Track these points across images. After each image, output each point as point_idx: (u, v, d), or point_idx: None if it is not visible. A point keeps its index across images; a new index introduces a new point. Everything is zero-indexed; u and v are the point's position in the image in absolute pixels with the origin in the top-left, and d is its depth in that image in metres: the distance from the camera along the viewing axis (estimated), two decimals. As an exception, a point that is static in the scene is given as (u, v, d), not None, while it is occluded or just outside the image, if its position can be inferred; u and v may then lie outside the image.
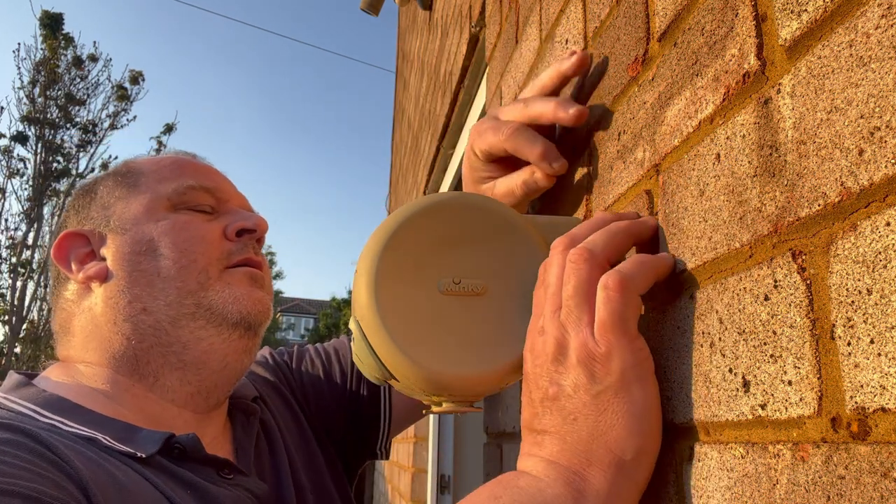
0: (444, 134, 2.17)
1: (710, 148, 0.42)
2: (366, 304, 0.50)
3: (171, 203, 0.74)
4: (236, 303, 0.71)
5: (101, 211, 0.74)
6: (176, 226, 0.72)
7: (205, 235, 0.73)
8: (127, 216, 0.73)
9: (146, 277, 0.70)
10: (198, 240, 0.72)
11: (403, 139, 4.16)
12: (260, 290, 0.74)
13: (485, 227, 0.53)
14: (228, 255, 0.73)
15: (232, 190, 0.80)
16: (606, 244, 0.46)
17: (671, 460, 0.44)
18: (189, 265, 0.70)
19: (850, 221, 0.30)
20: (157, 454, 0.61)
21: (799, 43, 0.34)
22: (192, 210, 0.74)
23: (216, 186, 0.77)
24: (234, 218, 0.76)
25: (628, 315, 0.42)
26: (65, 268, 0.72)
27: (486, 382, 0.51)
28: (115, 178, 0.77)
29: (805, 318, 0.32)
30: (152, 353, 0.69)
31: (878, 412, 0.28)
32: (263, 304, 0.74)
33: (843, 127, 0.31)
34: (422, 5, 2.82)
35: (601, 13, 0.61)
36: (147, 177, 0.76)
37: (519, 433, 0.79)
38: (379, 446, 0.93)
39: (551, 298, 0.45)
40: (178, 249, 0.70)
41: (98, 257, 0.72)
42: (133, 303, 0.69)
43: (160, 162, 0.79)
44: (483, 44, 1.55)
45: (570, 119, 0.59)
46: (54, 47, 12.73)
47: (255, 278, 0.75)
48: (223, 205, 0.77)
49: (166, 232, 0.71)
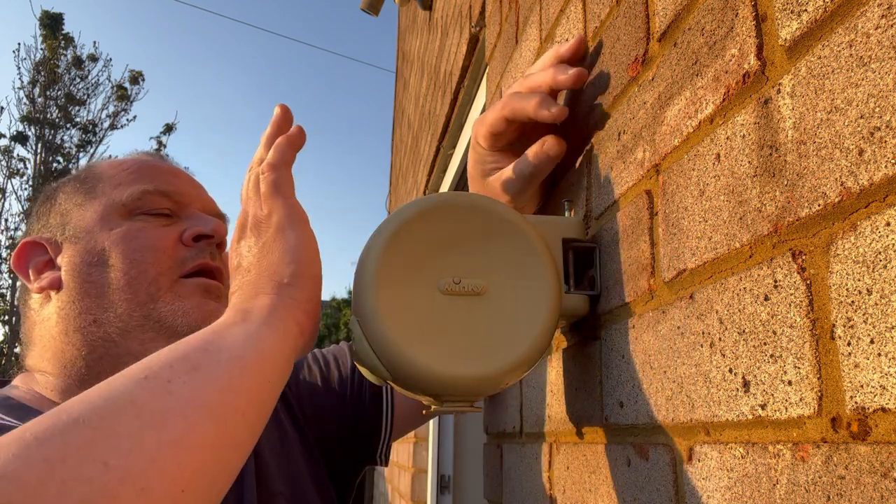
0: (444, 134, 2.17)
1: (710, 148, 0.42)
2: (366, 304, 0.50)
3: (127, 210, 0.72)
4: (186, 316, 0.69)
5: (59, 218, 0.74)
6: (128, 234, 0.71)
7: (156, 243, 0.71)
8: (81, 225, 0.72)
9: (96, 289, 0.69)
10: (149, 248, 0.70)
11: (403, 139, 4.16)
12: (213, 302, 0.72)
13: (485, 227, 0.53)
14: (182, 262, 0.72)
15: (194, 192, 0.78)
16: (274, 156, 0.57)
17: (671, 460, 0.44)
18: (138, 276, 0.69)
19: (850, 221, 0.30)
20: None
21: (799, 43, 0.34)
22: (149, 215, 0.73)
23: (175, 190, 0.75)
24: (192, 223, 0.74)
25: (281, 183, 0.55)
26: (24, 277, 0.72)
27: (486, 382, 0.51)
28: (75, 184, 0.76)
29: (805, 318, 0.32)
30: (102, 363, 0.68)
31: (878, 412, 0.28)
32: (215, 316, 0.70)
33: (843, 127, 0.31)
34: (422, 5, 2.82)
35: (601, 13, 0.61)
36: (104, 182, 0.75)
37: (519, 433, 0.79)
38: (379, 453, 0.92)
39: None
40: (128, 259, 0.69)
41: (55, 266, 0.71)
42: (83, 314, 0.69)
43: (119, 166, 0.77)
44: (483, 44, 1.55)
45: (569, 80, 0.59)
46: (54, 47, 12.73)
47: (208, 290, 0.72)
48: (183, 209, 0.75)
49: (118, 241, 0.70)
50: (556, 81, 0.59)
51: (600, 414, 0.55)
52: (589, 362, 0.58)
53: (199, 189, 0.80)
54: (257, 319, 0.49)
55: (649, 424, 0.47)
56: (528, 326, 0.51)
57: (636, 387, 0.49)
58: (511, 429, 0.83)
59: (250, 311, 0.49)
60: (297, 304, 0.51)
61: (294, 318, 0.50)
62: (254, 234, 0.54)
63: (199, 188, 0.80)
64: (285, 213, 0.53)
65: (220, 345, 0.46)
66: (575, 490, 0.59)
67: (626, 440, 0.50)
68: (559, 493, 0.63)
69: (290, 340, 0.50)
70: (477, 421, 2.30)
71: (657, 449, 0.45)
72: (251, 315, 0.49)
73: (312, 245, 0.54)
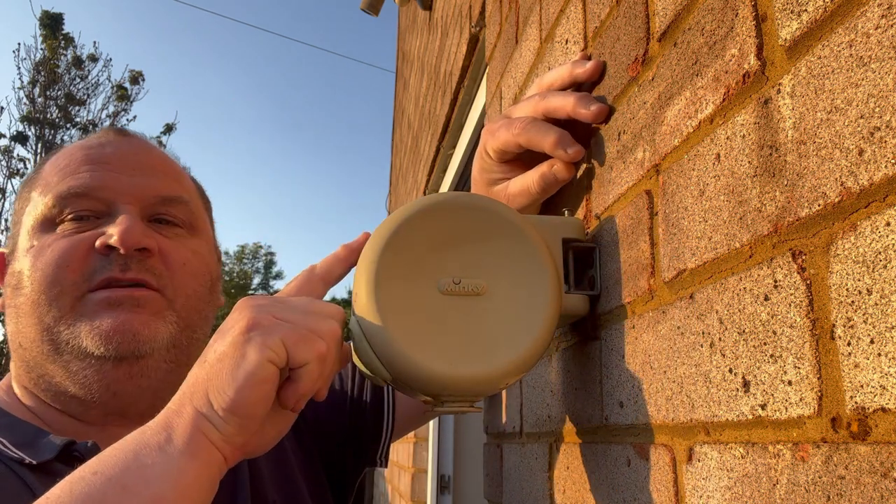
0: (444, 134, 2.17)
1: (710, 148, 0.42)
2: (366, 304, 0.50)
3: (48, 220, 0.66)
4: (90, 337, 0.63)
5: (14, 228, 0.71)
6: (39, 251, 0.65)
7: (61, 257, 0.64)
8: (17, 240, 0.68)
9: (16, 313, 0.67)
10: (52, 264, 0.64)
11: (403, 139, 4.16)
12: (123, 312, 0.64)
13: (485, 227, 0.53)
14: (91, 274, 0.64)
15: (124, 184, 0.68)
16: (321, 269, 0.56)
17: (671, 460, 0.44)
18: (38, 300, 0.64)
19: (850, 221, 0.30)
20: (55, 460, 0.59)
21: (799, 43, 0.34)
22: (72, 221, 0.66)
23: (95, 186, 0.67)
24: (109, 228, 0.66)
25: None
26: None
27: (486, 382, 0.51)
28: (24, 185, 0.72)
29: (805, 318, 0.32)
30: (43, 383, 0.66)
31: (878, 412, 0.28)
32: (129, 325, 0.64)
33: (843, 127, 0.31)
34: (422, 5, 2.82)
35: (601, 13, 0.61)
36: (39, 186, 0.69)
37: (519, 433, 0.79)
38: (379, 454, 0.91)
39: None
40: (35, 281, 0.64)
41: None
42: (12, 339, 0.68)
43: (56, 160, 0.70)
44: (483, 44, 1.55)
45: (590, 116, 0.56)
46: (54, 47, 12.73)
47: (113, 303, 0.64)
48: (110, 206, 0.67)
49: (31, 261, 0.65)
50: (577, 114, 0.57)
51: (600, 414, 0.55)
52: (589, 362, 0.58)
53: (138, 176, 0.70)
54: (179, 444, 0.45)
55: (649, 424, 0.47)
56: (528, 326, 0.51)
57: (636, 387, 0.49)
58: (511, 429, 0.83)
59: (174, 430, 0.45)
60: (223, 438, 0.46)
61: (218, 447, 0.46)
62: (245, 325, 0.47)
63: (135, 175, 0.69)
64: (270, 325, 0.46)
65: (139, 482, 0.43)
66: (575, 490, 0.59)
67: (626, 440, 0.50)
68: (559, 493, 0.63)
69: (213, 468, 0.46)
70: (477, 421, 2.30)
71: (657, 449, 0.45)
72: (174, 436, 0.45)
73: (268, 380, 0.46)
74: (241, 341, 0.45)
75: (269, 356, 0.45)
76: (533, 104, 0.61)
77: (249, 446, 0.49)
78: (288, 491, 0.77)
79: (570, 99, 0.58)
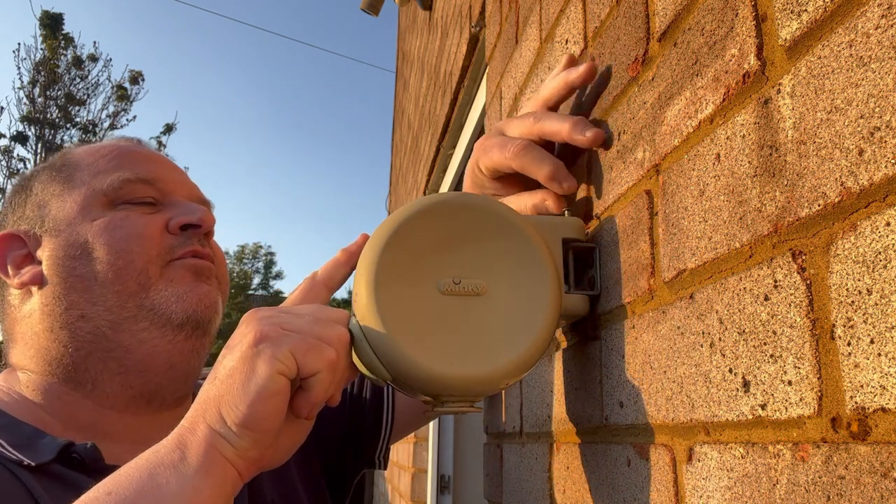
0: (444, 134, 2.17)
1: (710, 148, 0.42)
2: (366, 304, 0.50)
3: (108, 199, 0.69)
4: (180, 301, 0.67)
5: (37, 210, 0.71)
6: (111, 224, 0.68)
7: (142, 231, 0.68)
8: (61, 216, 0.69)
9: (83, 283, 0.66)
10: (134, 237, 0.67)
11: (403, 139, 4.16)
12: (205, 284, 0.70)
13: (485, 227, 0.53)
14: (170, 250, 0.69)
15: (177, 179, 0.75)
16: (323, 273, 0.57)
17: (671, 460, 0.44)
18: (126, 266, 0.66)
19: (850, 221, 0.30)
20: (54, 462, 0.59)
21: (799, 43, 0.34)
22: (132, 204, 0.70)
23: (157, 177, 0.72)
24: (179, 211, 0.71)
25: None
26: (2, 272, 0.70)
27: (486, 382, 0.51)
28: (51, 173, 0.73)
29: (805, 318, 0.32)
30: (91, 359, 0.66)
31: (878, 412, 0.28)
32: (210, 298, 0.69)
33: (843, 127, 0.31)
34: (422, 5, 2.82)
35: (601, 13, 0.61)
36: (83, 171, 0.72)
37: (519, 433, 0.79)
38: (378, 454, 0.91)
39: None
40: (114, 251, 0.66)
41: (34, 260, 0.69)
42: (70, 310, 0.66)
43: (98, 152, 0.74)
44: (483, 44, 1.55)
45: (586, 142, 0.56)
46: (54, 47, 12.73)
47: (199, 271, 0.70)
48: (166, 196, 0.72)
49: (101, 232, 0.67)
50: (573, 140, 0.57)
51: (600, 414, 0.55)
52: (589, 362, 0.58)
53: (182, 175, 0.76)
54: (194, 463, 0.45)
55: (649, 424, 0.47)
56: (528, 326, 0.51)
57: (636, 387, 0.49)
58: (511, 429, 0.83)
59: (188, 448, 0.45)
60: (237, 453, 0.46)
61: (233, 463, 0.46)
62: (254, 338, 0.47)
63: (181, 174, 0.77)
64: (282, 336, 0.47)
65: (153, 503, 0.44)
66: (575, 490, 0.59)
67: (626, 440, 0.50)
68: (559, 493, 0.63)
69: (228, 485, 0.46)
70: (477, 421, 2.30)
71: (657, 449, 0.45)
72: (188, 454, 0.45)
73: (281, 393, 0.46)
74: (250, 355, 0.45)
75: (280, 368, 0.45)
76: (528, 125, 0.60)
77: (265, 459, 0.48)
78: (286, 491, 0.77)
79: (566, 125, 0.57)
